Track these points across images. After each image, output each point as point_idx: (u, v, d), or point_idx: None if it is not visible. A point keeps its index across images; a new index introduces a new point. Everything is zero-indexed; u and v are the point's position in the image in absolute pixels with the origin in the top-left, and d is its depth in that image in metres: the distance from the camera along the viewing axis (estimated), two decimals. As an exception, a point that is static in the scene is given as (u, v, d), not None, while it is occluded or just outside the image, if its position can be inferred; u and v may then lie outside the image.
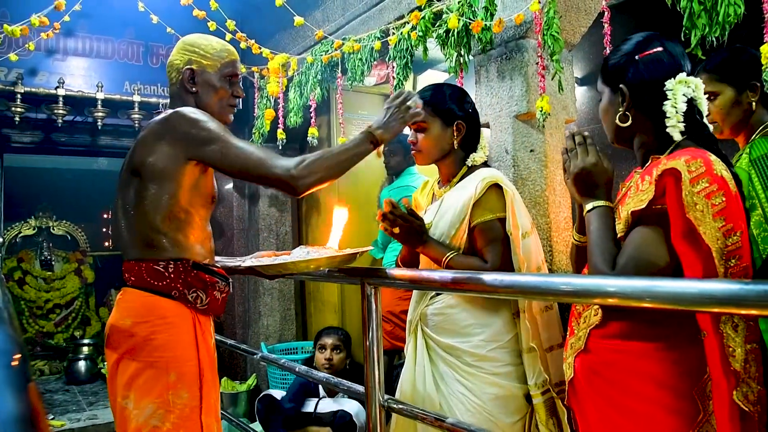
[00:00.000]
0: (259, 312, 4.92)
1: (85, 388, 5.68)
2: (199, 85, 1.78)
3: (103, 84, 4.49)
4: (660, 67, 1.30)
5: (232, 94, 1.84)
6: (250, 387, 4.76)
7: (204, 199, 1.73)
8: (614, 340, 1.29)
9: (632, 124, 1.32)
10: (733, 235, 1.12)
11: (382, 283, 1.68)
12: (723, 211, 1.12)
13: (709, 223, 1.10)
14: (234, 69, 1.83)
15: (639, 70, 1.31)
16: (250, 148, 1.59)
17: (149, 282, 1.63)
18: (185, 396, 1.60)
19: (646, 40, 1.35)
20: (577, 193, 1.38)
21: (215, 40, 1.83)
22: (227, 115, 1.86)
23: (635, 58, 1.32)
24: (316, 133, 3.79)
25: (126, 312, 1.64)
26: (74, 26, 4.33)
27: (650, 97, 1.30)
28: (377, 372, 1.66)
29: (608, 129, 1.41)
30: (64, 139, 4.97)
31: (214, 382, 1.73)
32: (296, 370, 2.44)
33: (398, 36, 3.08)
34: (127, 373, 1.59)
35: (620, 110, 1.33)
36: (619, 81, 1.33)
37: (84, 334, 6.78)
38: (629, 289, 1.04)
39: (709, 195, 1.12)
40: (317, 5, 4.14)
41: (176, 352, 1.61)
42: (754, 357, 1.12)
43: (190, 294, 1.65)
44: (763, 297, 0.84)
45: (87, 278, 7.02)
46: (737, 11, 1.84)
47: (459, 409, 1.80)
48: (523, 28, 2.57)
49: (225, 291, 1.76)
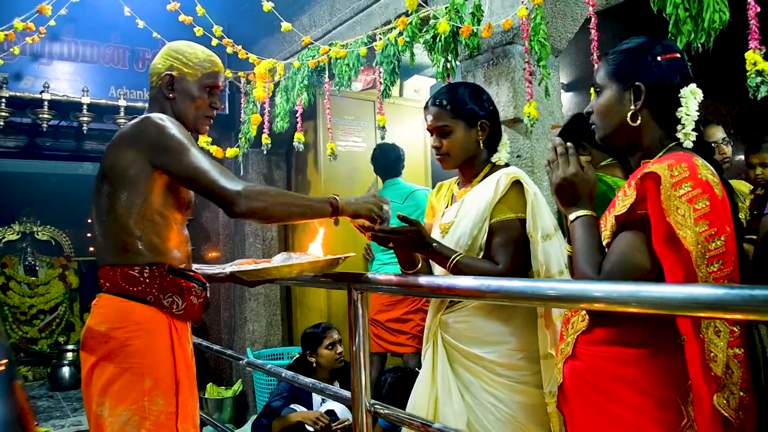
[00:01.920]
0: (244, 317, 4.90)
1: (69, 395, 5.62)
2: (177, 92, 1.76)
3: (89, 88, 4.45)
4: (679, 73, 1.29)
5: (210, 105, 1.81)
6: (236, 393, 4.73)
7: (179, 202, 1.71)
8: (599, 346, 1.29)
9: (639, 125, 1.30)
10: (717, 240, 1.10)
11: (368, 288, 1.68)
12: (707, 215, 1.11)
13: (690, 228, 1.10)
14: (215, 80, 1.80)
15: (661, 71, 1.28)
16: (207, 160, 1.57)
17: (124, 287, 1.60)
18: (161, 402, 1.58)
19: (667, 43, 1.33)
20: (560, 204, 1.37)
21: (201, 50, 1.81)
22: (202, 126, 1.83)
23: (658, 59, 1.29)
24: (303, 138, 3.79)
25: (101, 317, 1.61)
26: (60, 30, 4.29)
27: (664, 101, 1.28)
28: (364, 377, 1.65)
29: (607, 127, 1.36)
30: (49, 144, 4.93)
31: (191, 388, 1.71)
32: (282, 376, 2.42)
33: (385, 41, 3.08)
34: (102, 379, 1.57)
35: (632, 108, 1.29)
36: (636, 78, 1.29)
37: (68, 339, 6.72)
38: (615, 294, 1.04)
39: (692, 199, 1.12)
40: (304, 11, 4.14)
41: (152, 358, 1.59)
42: (738, 363, 1.11)
43: (166, 299, 1.63)
44: (747, 301, 0.84)
45: (71, 284, 6.97)
46: (722, 18, 1.86)
47: (489, 420, 1.75)
48: (509, 34, 2.59)
49: (202, 296, 1.75)
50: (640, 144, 1.32)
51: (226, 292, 5.16)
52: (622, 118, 1.31)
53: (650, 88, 1.28)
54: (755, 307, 0.83)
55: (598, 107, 1.37)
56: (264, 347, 4.88)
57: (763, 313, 0.83)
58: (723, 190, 1.18)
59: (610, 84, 1.34)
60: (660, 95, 1.28)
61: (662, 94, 1.28)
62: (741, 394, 1.09)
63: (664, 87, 1.27)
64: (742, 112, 3.04)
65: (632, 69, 1.30)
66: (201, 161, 1.55)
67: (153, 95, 1.80)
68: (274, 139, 4.06)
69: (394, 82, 3.13)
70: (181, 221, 1.74)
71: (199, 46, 1.82)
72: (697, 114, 1.26)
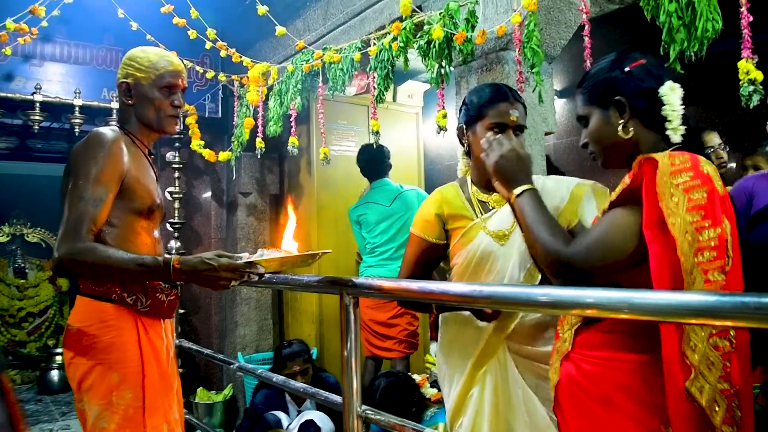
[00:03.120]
0: (235, 322, 4.88)
1: (57, 398, 5.58)
2: (135, 97, 1.82)
3: (81, 90, 4.43)
4: (650, 76, 1.31)
5: (172, 104, 1.84)
6: (227, 397, 4.70)
7: (139, 208, 1.76)
8: (598, 351, 1.28)
9: (632, 136, 1.31)
10: (710, 231, 1.10)
11: (360, 293, 1.67)
12: (702, 206, 1.11)
13: (681, 216, 1.10)
14: (171, 79, 1.83)
15: (634, 81, 1.31)
16: (82, 206, 1.59)
17: (92, 288, 1.71)
18: (128, 396, 1.66)
19: (628, 54, 1.36)
20: (502, 185, 1.37)
21: (153, 52, 1.86)
22: (169, 125, 1.87)
23: (626, 70, 1.32)
24: (296, 142, 3.78)
25: (76, 317, 1.72)
26: (52, 32, 4.27)
27: (648, 106, 1.30)
28: (355, 382, 1.64)
29: (605, 150, 1.37)
30: (40, 146, 4.91)
31: (164, 383, 1.78)
32: (273, 381, 2.41)
33: (379, 46, 3.08)
34: (77, 375, 1.67)
35: (620, 122, 1.31)
36: (615, 95, 1.32)
37: (57, 343, 6.64)
38: (606, 300, 1.04)
39: (689, 189, 1.12)
40: (298, 15, 4.14)
41: (119, 354, 1.67)
42: (720, 355, 1.09)
43: (130, 297, 1.72)
44: (738, 309, 0.85)
45: (61, 286, 6.91)
46: (715, 27, 1.87)
47: None
48: (503, 40, 2.59)
49: (172, 294, 1.83)
50: (639, 153, 1.32)
51: (218, 296, 5.13)
52: (615, 136, 1.32)
53: (630, 98, 1.30)
54: (746, 315, 0.84)
55: (590, 134, 1.39)
56: (255, 352, 4.86)
57: (754, 320, 0.84)
58: (724, 188, 1.19)
59: (591, 110, 1.37)
60: (642, 102, 1.30)
61: (643, 100, 1.30)
62: (719, 386, 1.07)
63: (643, 93, 1.30)
64: (734, 120, 3.06)
65: (607, 88, 1.33)
66: (75, 204, 1.59)
67: (119, 104, 1.89)
68: (267, 143, 4.05)
69: (388, 87, 3.13)
70: (145, 225, 1.81)
71: (153, 49, 1.89)
72: (682, 108, 1.29)
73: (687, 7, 1.91)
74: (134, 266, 1.55)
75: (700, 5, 1.88)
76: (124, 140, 1.76)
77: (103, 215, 1.64)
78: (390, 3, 3.27)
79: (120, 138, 1.74)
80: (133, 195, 1.73)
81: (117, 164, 1.68)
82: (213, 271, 1.52)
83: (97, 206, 1.61)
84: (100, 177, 1.63)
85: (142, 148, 1.86)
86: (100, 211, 1.62)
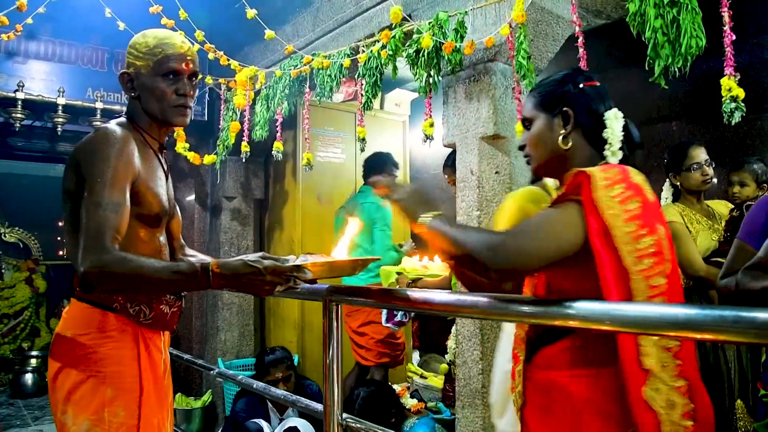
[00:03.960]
0: (217, 327, 4.84)
1: (31, 402, 5.49)
2: (138, 89, 1.64)
3: (65, 89, 4.38)
4: (600, 98, 1.38)
5: (176, 92, 1.63)
6: (205, 403, 4.65)
7: (144, 215, 1.61)
8: (552, 369, 1.30)
9: (570, 148, 1.36)
10: (647, 238, 1.15)
11: (344, 301, 1.67)
12: (638, 216, 1.16)
13: (620, 227, 1.14)
14: (173, 64, 1.62)
15: (585, 97, 1.37)
16: (102, 215, 1.42)
17: (92, 294, 1.56)
18: (122, 414, 1.53)
19: (584, 73, 1.43)
20: (412, 217, 1.33)
21: (153, 35, 1.66)
22: (175, 117, 1.66)
23: (580, 86, 1.38)
24: (281, 147, 3.77)
25: (69, 323, 1.58)
26: (37, 29, 4.22)
27: (592, 124, 1.36)
28: (336, 390, 1.64)
29: (541, 156, 1.41)
30: (21, 144, 4.85)
31: (159, 400, 1.65)
32: (254, 387, 2.40)
33: (368, 54, 3.09)
34: (65, 386, 1.53)
35: (562, 132, 1.36)
36: (563, 105, 1.37)
37: (32, 345, 6.56)
38: (588, 311, 1.05)
39: (624, 200, 1.17)
40: (288, 20, 4.14)
41: (116, 367, 1.55)
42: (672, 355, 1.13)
43: (132, 308, 1.59)
44: (717, 322, 0.86)
45: (38, 288, 6.79)
46: (699, 44, 1.91)
47: None
48: (492, 52, 2.61)
49: (176, 305, 1.70)
50: (571, 166, 1.35)
51: (199, 300, 5.09)
52: (555, 145, 1.37)
53: (577, 112, 1.36)
54: (725, 328, 0.85)
55: (531, 138, 1.43)
56: (236, 358, 4.82)
57: (732, 333, 0.85)
58: (654, 194, 1.25)
59: (538, 114, 1.41)
60: (587, 118, 1.36)
61: (589, 117, 1.36)
62: (675, 384, 1.12)
63: (590, 111, 1.36)
64: (716, 136, 3.11)
65: (558, 97, 1.39)
66: (94, 212, 1.43)
67: (128, 97, 1.71)
68: (252, 147, 4.04)
69: (376, 94, 3.13)
70: (150, 232, 1.67)
71: (154, 31, 1.68)
72: (622, 134, 1.34)
73: (672, 24, 1.94)
74: (169, 274, 1.40)
75: (685, 23, 1.91)
76: (134, 137, 1.60)
77: (125, 221, 1.48)
78: (380, 11, 3.28)
79: (129, 136, 1.58)
80: (140, 200, 1.57)
81: (129, 165, 1.53)
82: (257, 275, 1.38)
83: (118, 211, 1.45)
84: (115, 179, 1.47)
85: (153, 144, 1.69)
86: (121, 216, 1.46)
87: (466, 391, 2.59)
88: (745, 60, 3.10)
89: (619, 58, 3.59)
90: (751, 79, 3.11)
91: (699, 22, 1.93)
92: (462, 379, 2.62)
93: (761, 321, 0.81)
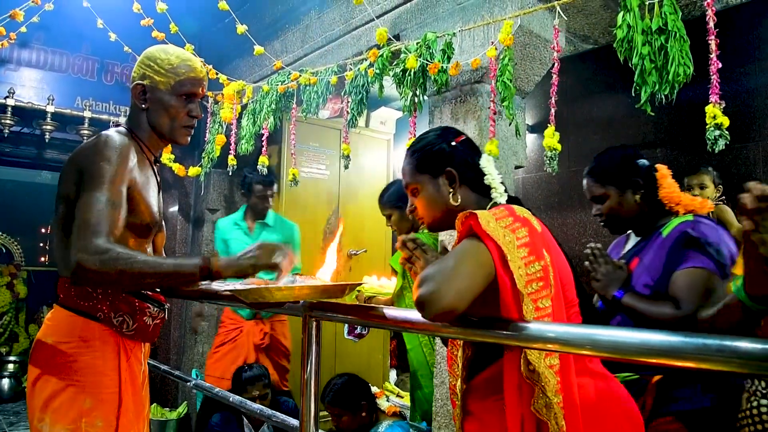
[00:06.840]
0: (195, 338, 4.77)
1: (6, 408, 5.39)
2: (150, 102, 1.67)
3: (55, 97, 4.40)
4: (472, 149, 1.50)
5: (188, 113, 1.69)
6: (180, 415, 4.58)
7: (135, 224, 1.61)
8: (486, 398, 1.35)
9: (460, 202, 1.44)
10: (535, 264, 1.21)
11: (324, 317, 1.64)
12: (526, 243, 1.22)
13: (514, 252, 1.19)
14: (191, 87, 1.68)
15: (460, 154, 1.46)
16: (99, 212, 1.43)
17: (76, 302, 1.56)
18: (99, 425, 1.51)
19: (450, 129, 1.54)
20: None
21: (176, 54, 1.69)
22: (181, 136, 1.72)
23: (453, 144, 1.47)
24: (266, 161, 3.75)
25: (51, 330, 1.57)
26: (30, 37, 4.24)
27: (474, 175, 1.45)
28: (313, 406, 1.61)
29: (434, 215, 1.47)
30: (9, 150, 4.86)
31: (137, 412, 1.63)
32: (230, 401, 2.36)
33: (355, 72, 3.09)
34: (44, 394, 1.51)
35: (450, 190, 1.44)
36: (445, 165, 1.45)
37: (10, 350, 6.45)
38: (568, 336, 1.03)
39: (514, 229, 1.22)
40: (277, 36, 4.14)
41: (96, 377, 1.53)
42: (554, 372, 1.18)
43: (116, 318, 1.59)
44: (700, 350, 0.85)
45: (19, 293, 6.71)
46: (687, 71, 1.92)
47: None
48: (478, 73, 2.62)
49: (159, 317, 1.70)
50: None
51: (178, 310, 5.02)
52: (445, 203, 1.46)
53: (459, 169, 1.45)
54: (708, 356, 0.84)
55: (422, 202, 1.50)
56: (212, 371, 4.75)
57: (715, 362, 0.84)
58: (542, 225, 1.31)
59: (422, 178, 1.49)
60: (469, 172, 1.46)
61: (469, 170, 1.46)
62: (555, 400, 1.17)
63: (468, 165, 1.46)
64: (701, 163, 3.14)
65: (436, 159, 1.47)
66: (92, 206, 1.44)
67: (131, 105, 1.73)
68: (238, 161, 4.02)
69: (362, 112, 3.13)
70: (140, 242, 1.67)
71: (176, 50, 1.72)
72: (499, 176, 1.46)
73: (660, 51, 1.96)
74: (166, 261, 1.48)
75: (673, 50, 1.93)
76: (133, 146, 1.62)
77: (121, 220, 1.49)
78: (368, 30, 3.29)
79: (130, 144, 1.60)
80: (133, 208, 1.58)
81: (128, 169, 1.55)
82: (253, 251, 1.48)
83: (116, 209, 1.47)
84: (115, 179, 1.49)
85: (149, 156, 1.72)
86: (118, 214, 1.47)
87: (443, 411, 2.56)
88: (732, 89, 3.13)
89: (606, 83, 3.62)
90: (737, 108, 3.14)
91: (687, 50, 1.95)
92: (439, 399, 2.59)
93: (743, 350, 0.80)
